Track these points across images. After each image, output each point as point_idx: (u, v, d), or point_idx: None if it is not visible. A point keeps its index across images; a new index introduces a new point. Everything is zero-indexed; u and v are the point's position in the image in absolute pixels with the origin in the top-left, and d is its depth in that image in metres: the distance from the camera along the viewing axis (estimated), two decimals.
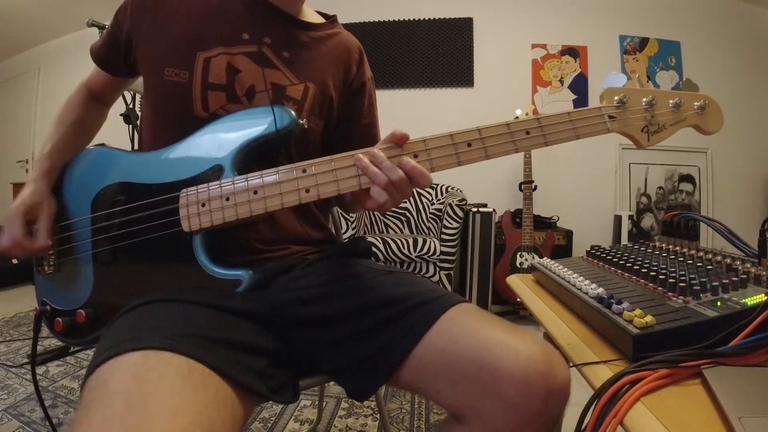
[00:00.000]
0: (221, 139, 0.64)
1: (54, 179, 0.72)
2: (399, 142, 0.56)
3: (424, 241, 2.29)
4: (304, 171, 0.58)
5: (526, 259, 2.49)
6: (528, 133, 0.57)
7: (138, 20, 0.71)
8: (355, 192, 0.58)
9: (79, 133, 0.78)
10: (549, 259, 0.82)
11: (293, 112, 0.64)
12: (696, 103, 0.59)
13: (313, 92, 0.74)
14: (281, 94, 0.71)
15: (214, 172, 0.62)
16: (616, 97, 0.58)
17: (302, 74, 0.73)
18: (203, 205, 0.60)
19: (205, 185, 0.61)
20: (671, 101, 0.59)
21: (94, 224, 0.67)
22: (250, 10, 0.71)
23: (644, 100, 0.59)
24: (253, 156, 0.64)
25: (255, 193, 0.59)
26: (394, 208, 2.81)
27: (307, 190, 0.58)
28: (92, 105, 0.83)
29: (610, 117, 0.58)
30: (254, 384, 0.50)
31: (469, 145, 0.57)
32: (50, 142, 0.74)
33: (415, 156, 0.56)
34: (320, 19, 0.81)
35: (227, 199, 0.59)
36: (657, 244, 0.79)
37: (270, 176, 0.59)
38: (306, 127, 0.69)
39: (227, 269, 0.61)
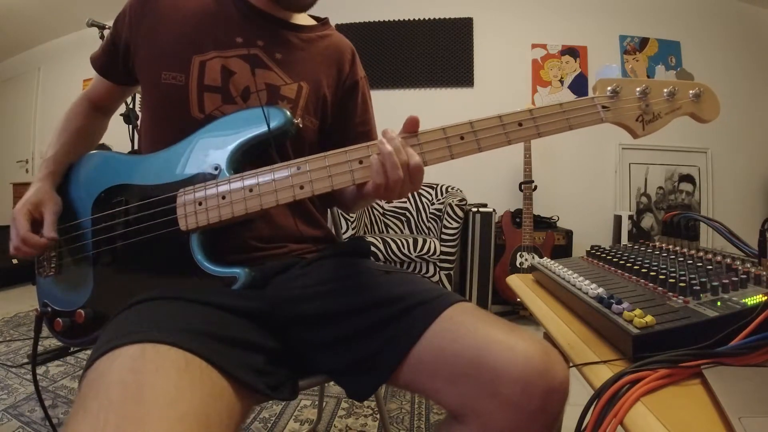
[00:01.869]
0: (218, 139, 0.65)
1: (58, 181, 0.74)
2: (414, 128, 0.57)
3: (424, 241, 2.29)
4: (298, 168, 0.59)
5: (526, 259, 2.48)
6: (520, 125, 0.57)
7: (136, 27, 0.73)
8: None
9: (80, 142, 0.80)
10: (549, 259, 0.82)
11: (288, 112, 0.65)
12: (691, 92, 0.59)
13: (307, 91, 0.75)
14: (276, 94, 0.72)
15: (211, 172, 0.63)
16: (609, 88, 0.58)
17: (295, 74, 0.75)
18: (200, 203, 0.61)
19: (202, 184, 0.61)
20: (666, 90, 0.58)
21: (94, 226, 0.68)
22: (243, 15, 0.74)
23: (638, 89, 0.58)
24: (250, 156, 0.65)
25: (250, 190, 0.59)
26: (394, 208, 2.83)
27: (302, 187, 0.58)
28: (93, 115, 0.84)
29: (604, 107, 0.58)
30: (252, 380, 0.50)
31: (462, 138, 0.57)
32: (53, 148, 0.76)
33: None
34: (312, 22, 0.83)
35: (223, 198, 0.60)
36: (657, 244, 0.78)
37: (265, 174, 0.60)
38: (301, 126, 0.70)
39: (224, 267, 0.61)
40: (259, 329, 0.59)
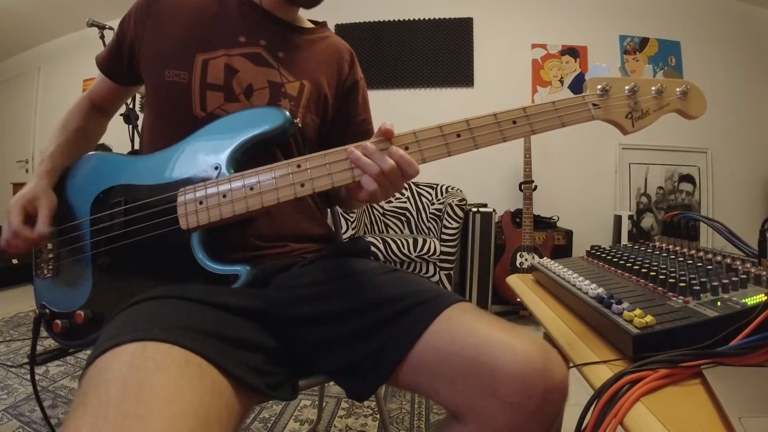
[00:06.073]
0: (218, 139, 0.65)
1: (55, 180, 0.74)
2: (387, 135, 0.57)
3: (424, 241, 2.29)
4: (299, 166, 0.59)
5: (526, 259, 2.48)
6: (515, 122, 0.59)
7: (141, 27, 0.74)
8: (349, 186, 0.59)
9: (79, 142, 0.80)
10: (549, 259, 0.82)
11: (288, 113, 0.66)
12: (678, 89, 0.61)
13: (309, 89, 0.77)
14: (278, 92, 0.73)
15: (212, 171, 0.63)
16: (599, 86, 0.60)
17: (297, 73, 0.76)
18: (200, 202, 0.61)
19: (202, 183, 0.62)
20: (653, 88, 0.60)
21: (93, 226, 0.68)
22: (245, 15, 0.75)
23: (627, 87, 0.60)
24: (250, 155, 0.65)
25: (251, 189, 0.59)
26: (394, 208, 2.83)
27: (302, 185, 0.59)
28: (93, 116, 0.85)
29: (594, 105, 0.60)
30: (251, 379, 0.50)
31: (458, 135, 0.58)
32: (52, 146, 0.76)
33: (406, 148, 0.57)
34: (311, 25, 0.85)
35: (224, 196, 0.60)
36: (657, 244, 0.78)
37: (265, 173, 0.60)
38: (300, 126, 0.73)
39: (225, 265, 0.61)
40: (259, 329, 0.59)
